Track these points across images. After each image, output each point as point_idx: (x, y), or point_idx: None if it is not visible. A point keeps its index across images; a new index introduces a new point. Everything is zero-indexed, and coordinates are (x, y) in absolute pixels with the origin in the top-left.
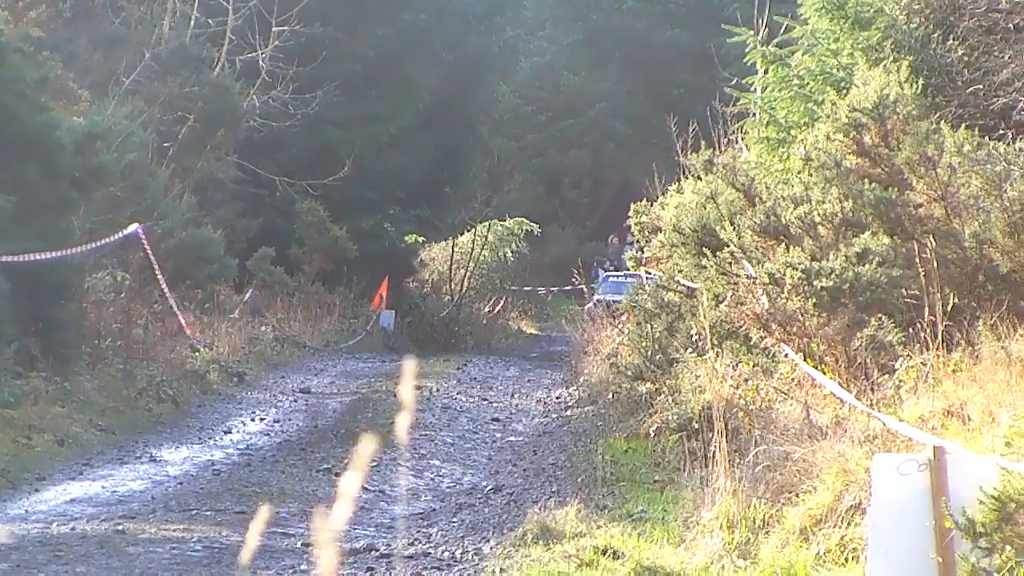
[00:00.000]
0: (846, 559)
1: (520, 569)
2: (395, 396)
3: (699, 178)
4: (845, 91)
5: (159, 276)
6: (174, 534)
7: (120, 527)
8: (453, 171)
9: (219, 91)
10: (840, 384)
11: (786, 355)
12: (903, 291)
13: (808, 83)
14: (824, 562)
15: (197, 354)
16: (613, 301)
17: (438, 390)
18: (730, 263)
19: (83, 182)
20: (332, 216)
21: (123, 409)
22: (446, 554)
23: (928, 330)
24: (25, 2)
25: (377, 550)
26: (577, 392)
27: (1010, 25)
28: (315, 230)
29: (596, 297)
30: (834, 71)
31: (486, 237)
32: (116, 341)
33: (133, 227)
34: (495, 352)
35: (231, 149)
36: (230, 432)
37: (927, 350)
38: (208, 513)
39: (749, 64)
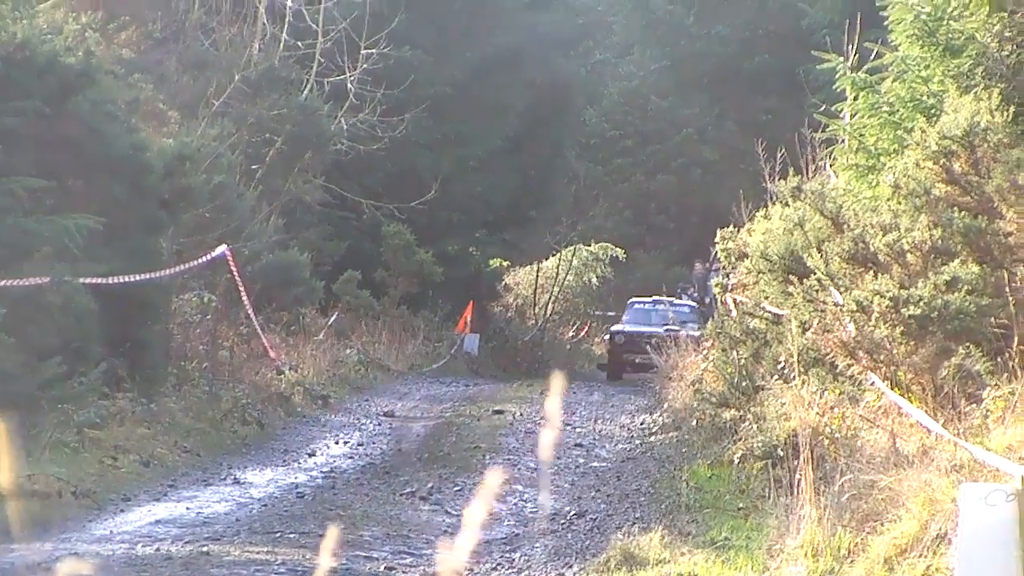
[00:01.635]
0: None
1: None
2: (478, 420)
3: (786, 204)
4: (935, 118)
5: (245, 298)
6: (258, 556)
7: (205, 549)
8: (539, 195)
9: (307, 114)
10: (927, 413)
11: (872, 383)
12: (992, 320)
13: (898, 110)
14: None
15: (282, 376)
16: (638, 333)
17: (521, 415)
18: (817, 290)
19: (172, 203)
20: (418, 239)
21: (208, 431)
22: None
23: (1017, 359)
24: (116, 24)
25: (461, 574)
26: (661, 418)
27: None
28: (401, 253)
29: (616, 328)
30: (924, 98)
31: (571, 262)
32: (202, 363)
33: (221, 248)
34: (578, 377)
35: (318, 171)
36: (314, 455)
37: (1015, 379)
38: (292, 536)
39: (838, 90)
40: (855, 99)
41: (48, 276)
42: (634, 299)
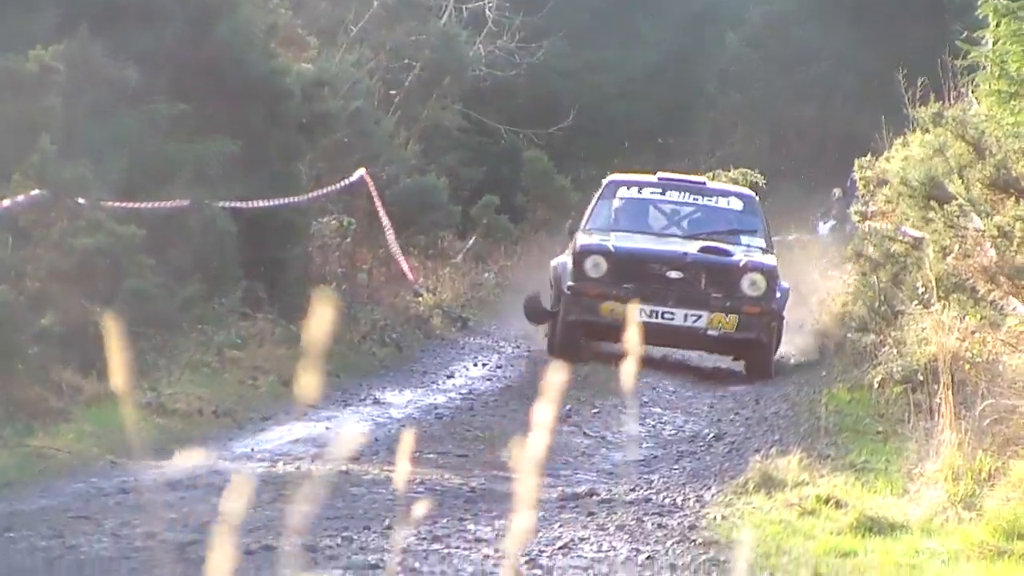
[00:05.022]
0: None
1: (742, 516)
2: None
3: (927, 131)
4: None
5: (383, 221)
6: (397, 476)
7: (343, 468)
8: (678, 122)
9: (445, 40)
10: None
11: (1014, 308)
12: None
13: None
14: None
15: (420, 299)
16: (645, 255)
17: None
18: (958, 216)
19: (310, 129)
20: (556, 165)
21: (347, 352)
22: (667, 500)
23: None
24: None
25: (598, 495)
26: (800, 342)
27: None
28: (539, 179)
29: (586, 242)
30: None
31: None
32: (341, 285)
33: (359, 172)
34: None
35: (456, 98)
36: (452, 377)
37: None
38: (431, 456)
39: (981, 17)
40: (997, 25)
41: (188, 199)
42: (614, 177)
